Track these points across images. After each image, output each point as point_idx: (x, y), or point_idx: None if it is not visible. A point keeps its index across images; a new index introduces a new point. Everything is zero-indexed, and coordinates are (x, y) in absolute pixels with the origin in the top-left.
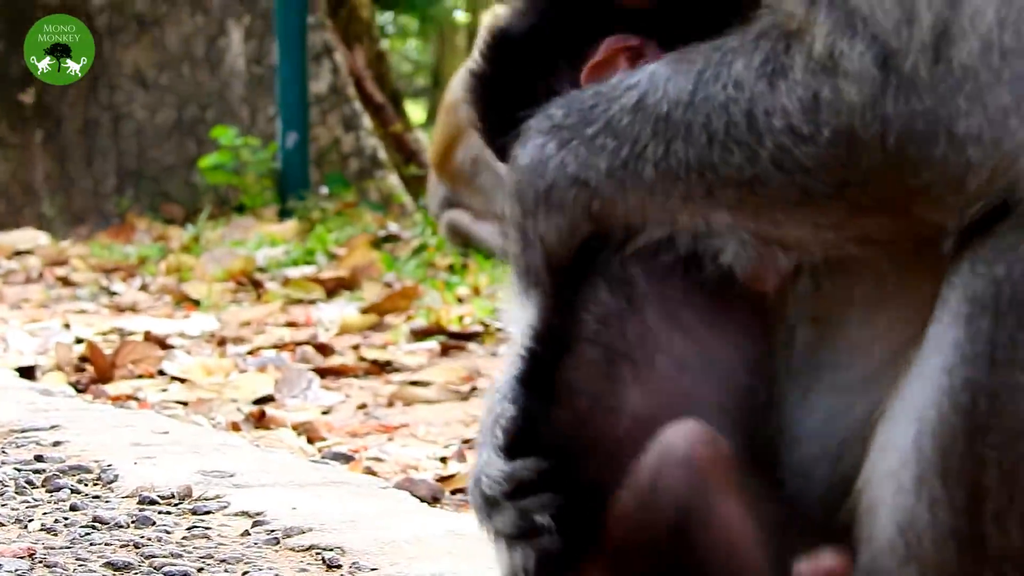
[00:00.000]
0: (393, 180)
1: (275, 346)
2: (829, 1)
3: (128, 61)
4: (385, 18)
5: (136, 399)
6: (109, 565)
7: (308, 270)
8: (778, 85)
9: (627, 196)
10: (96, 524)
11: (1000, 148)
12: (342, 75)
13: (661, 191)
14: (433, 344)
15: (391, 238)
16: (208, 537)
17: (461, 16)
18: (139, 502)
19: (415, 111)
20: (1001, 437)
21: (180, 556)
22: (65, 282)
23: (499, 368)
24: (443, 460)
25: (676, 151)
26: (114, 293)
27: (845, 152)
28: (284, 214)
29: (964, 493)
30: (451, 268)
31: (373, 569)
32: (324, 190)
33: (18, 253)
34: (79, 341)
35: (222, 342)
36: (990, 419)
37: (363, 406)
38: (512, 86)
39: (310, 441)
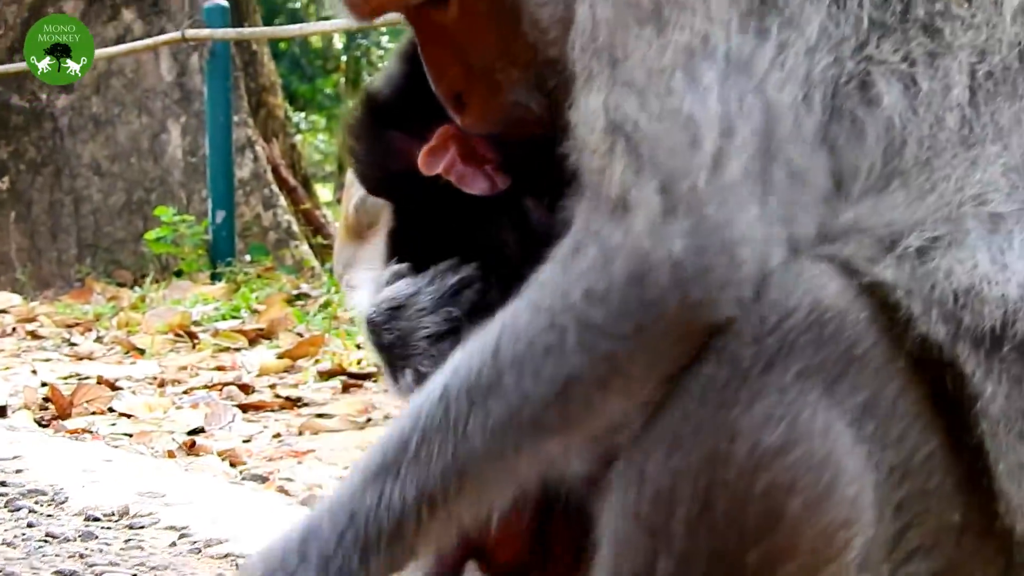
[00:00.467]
0: (305, 249)
1: (206, 386)
2: (625, 142)
3: (86, 153)
4: (298, 116)
5: (90, 432)
6: (58, 573)
7: (234, 323)
8: (576, 266)
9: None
10: (48, 538)
11: (764, 248)
12: (262, 163)
13: (493, 465)
14: (336, 383)
15: (302, 296)
16: (142, 548)
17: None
18: (85, 519)
19: (323, 192)
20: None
21: (118, 565)
22: (34, 335)
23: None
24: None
25: (492, 414)
26: (74, 344)
27: (639, 291)
28: (215, 277)
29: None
30: (351, 320)
31: None
32: (247, 258)
33: None
34: (44, 384)
35: (162, 384)
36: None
37: (277, 435)
38: (377, 139)
39: (232, 465)
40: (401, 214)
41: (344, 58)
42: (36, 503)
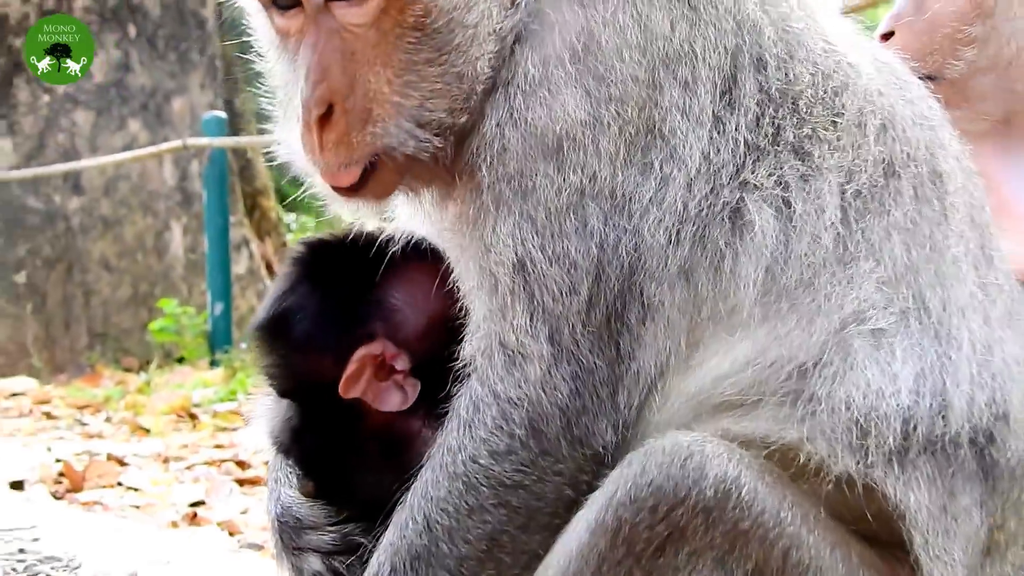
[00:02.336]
0: None
1: (206, 463)
2: (524, 283)
3: (96, 251)
4: (289, 217)
5: (100, 504)
6: None
7: (231, 405)
8: (479, 427)
9: None
10: None
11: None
12: (256, 260)
13: None
14: None
15: None
16: None
17: (348, 218)
18: None
19: None
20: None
21: None
22: (48, 416)
23: None
24: None
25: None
26: (85, 424)
27: (538, 441)
28: (213, 364)
29: None
30: None
31: None
32: (244, 346)
33: (13, 395)
34: (58, 460)
35: (166, 460)
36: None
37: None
38: (288, 355)
39: (231, 535)
40: (305, 416)
41: None
42: (52, 568)
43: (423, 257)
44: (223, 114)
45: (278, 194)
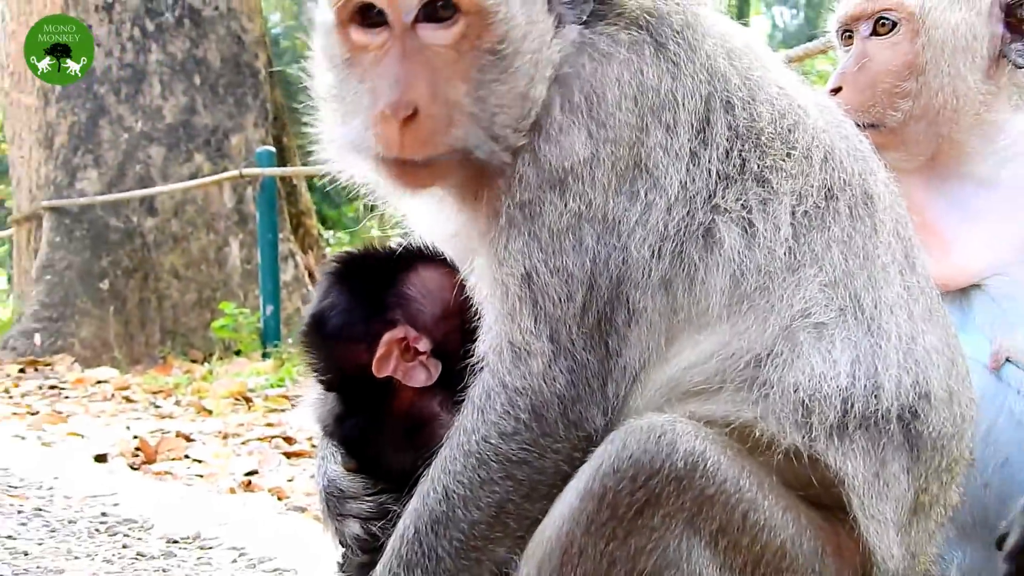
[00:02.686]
0: None
1: (258, 439)
2: (529, 292)
3: (167, 262)
4: (328, 234)
5: (170, 474)
6: None
7: (280, 391)
8: (489, 412)
9: None
10: (138, 556)
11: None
12: (301, 269)
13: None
14: None
15: None
16: (210, 564)
17: (376, 234)
18: (166, 542)
19: None
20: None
21: None
22: (127, 400)
23: None
24: None
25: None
26: (158, 407)
27: (539, 424)
28: (265, 356)
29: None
30: None
31: None
32: (291, 340)
33: (99, 382)
34: (135, 437)
35: (225, 436)
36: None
37: (313, 476)
38: (327, 350)
39: (279, 499)
40: (346, 404)
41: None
42: (129, 529)
43: (433, 259)
44: (273, 148)
45: (318, 215)
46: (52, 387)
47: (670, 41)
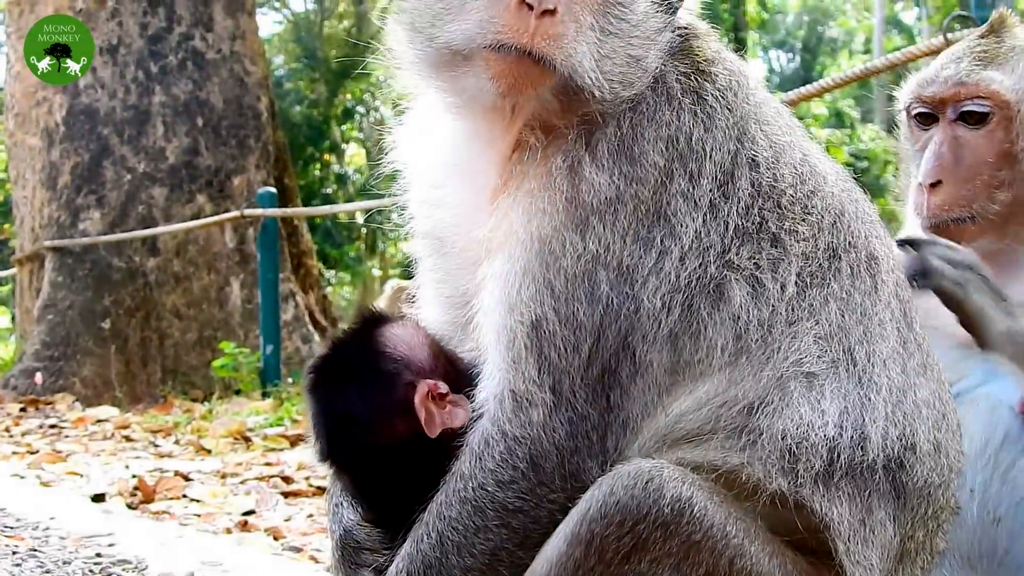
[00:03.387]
0: None
1: (257, 478)
2: (537, 340)
3: (169, 302)
4: (329, 274)
5: (168, 513)
6: None
7: (279, 430)
8: (487, 459)
9: None
10: None
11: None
12: (301, 309)
13: None
14: None
15: None
16: None
17: (377, 273)
18: None
19: None
20: None
21: None
22: (127, 439)
23: None
24: None
25: None
26: (158, 446)
27: (537, 474)
28: (265, 395)
29: None
30: None
31: None
32: (290, 380)
33: (99, 421)
34: (134, 476)
35: (223, 476)
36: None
37: (311, 515)
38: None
39: (275, 539)
40: (360, 481)
41: (364, 230)
42: (123, 570)
43: (384, 316)
44: (274, 189)
45: (319, 255)
46: (52, 426)
47: (710, 96)
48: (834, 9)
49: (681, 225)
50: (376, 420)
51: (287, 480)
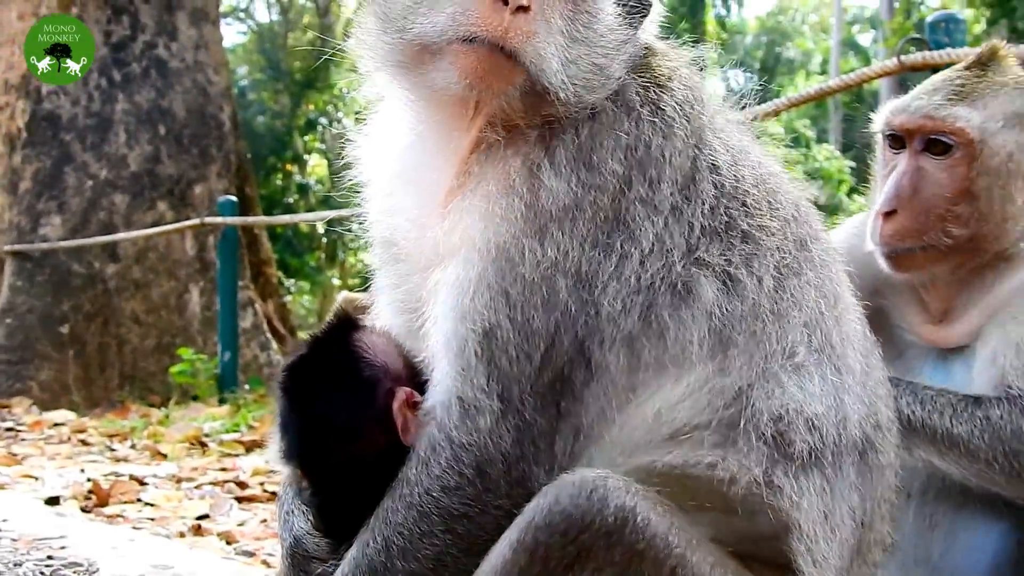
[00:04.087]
0: None
1: (212, 483)
2: (490, 349)
3: (128, 308)
4: (289, 282)
5: (122, 516)
6: None
7: (235, 435)
8: (434, 466)
9: None
10: None
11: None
12: (260, 317)
13: None
14: None
15: None
16: None
17: (336, 282)
18: None
19: None
20: None
21: None
22: (84, 443)
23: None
24: None
25: None
26: (114, 450)
27: (482, 480)
28: (222, 401)
29: None
30: None
31: None
32: (247, 387)
33: (55, 424)
34: (89, 480)
35: (179, 480)
36: None
37: (264, 520)
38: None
39: (228, 543)
40: (323, 486)
41: (324, 240)
42: (74, 572)
43: (355, 323)
44: (235, 198)
45: (280, 263)
46: (8, 429)
47: (668, 107)
48: (792, 31)
49: (640, 230)
50: (353, 423)
51: (242, 485)
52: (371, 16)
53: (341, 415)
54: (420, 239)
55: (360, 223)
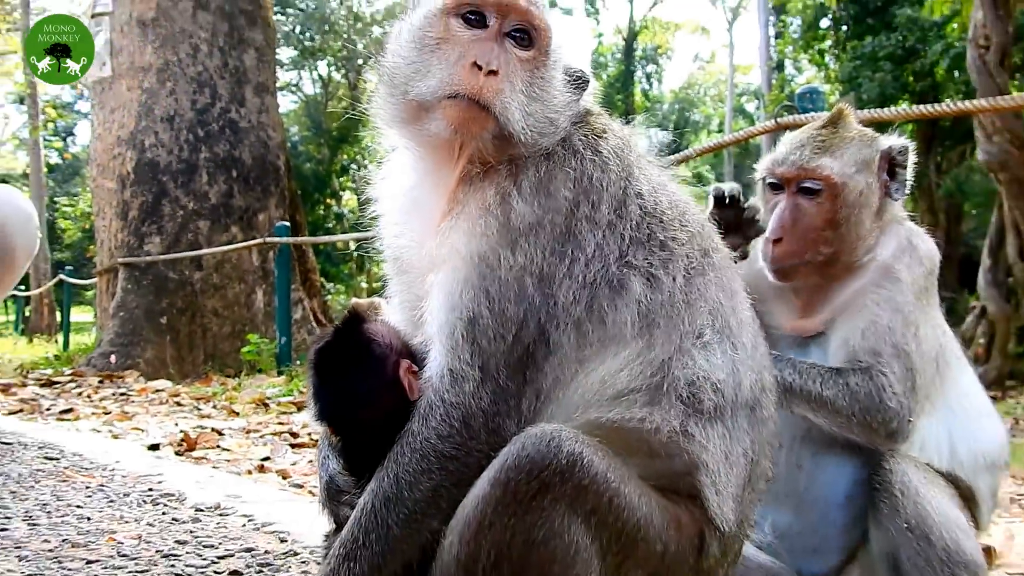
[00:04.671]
0: None
1: (272, 433)
2: (472, 332)
3: (209, 305)
4: (329, 285)
5: (206, 459)
6: (178, 542)
7: (290, 399)
8: (430, 421)
9: None
10: (173, 521)
11: (530, 395)
12: (307, 311)
13: (407, 540)
14: None
15: None
16: (227, 527)
17: (364, 286)
18: (195, 509)
19: None
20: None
21: (211, 535)
22: (178, 404)
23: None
24: None
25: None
26: (200, 409)
27: (467, 429)
28: (280, 373)
29: None
30: None
31: (303, 542)
32: (298, 362)
33: (157, 391)
34: (181, 432)
35: (248, 432)
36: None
37: (311, 461)
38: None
39: (284, 478)
40: (348, 438)
41: (355, 254)
42: (168, 500)
43: (364, 316)
44: (288, 224)
45: (321, 272)
46: (122, 394)
47: (605, 150)
48: (697, 100)
49: (585, 240)
50: (369, 389)
51: (294, 435)
52: (381, 85)
53: (360, 384)
54: (420, 253)
55: (379, 243)
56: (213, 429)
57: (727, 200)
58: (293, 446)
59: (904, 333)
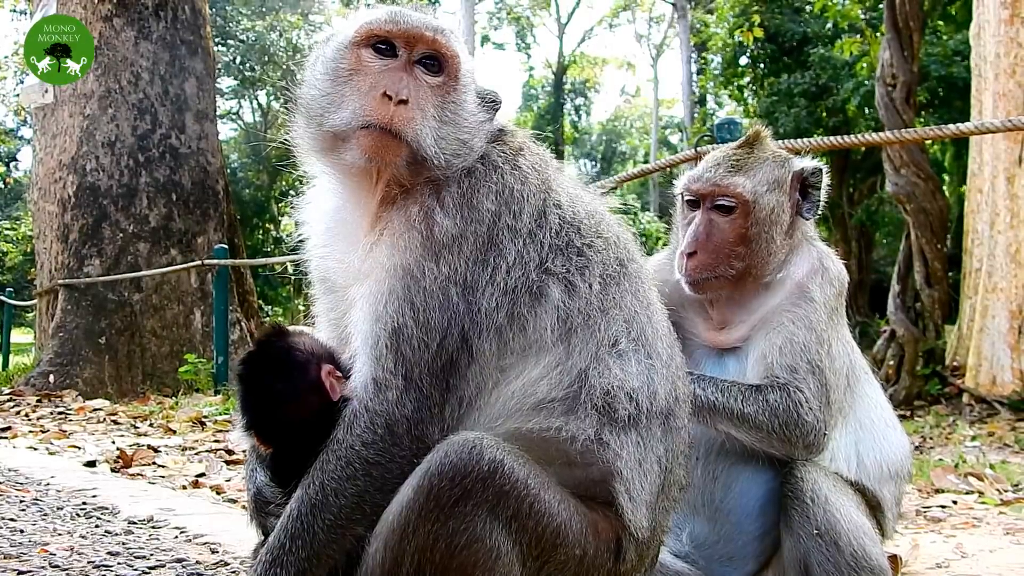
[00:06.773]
0: None
1: (208, 451)
2: (396, 343)
3: (148, 325)
4: (268, 307)
5: (141, 475)
6: (110, 553)
7: (226, 417)
8: (355, 429)
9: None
10: (107, 532)
11: (453, 402)
12: (244, 332)
13: (331, 545)
14: None
15: None
16: (159, 539)
17: (302, 308)
18: (128, 522)
19: None
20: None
21: (143, 547)
22: (115, 422)
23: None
24: None
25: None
26: (137, 427)
27: (391, 436)
28: (217, 392)
29: None
30: None
31: (234, 553)
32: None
33: (95, 410)
34: (118, 449)
35: (184, 449)
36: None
37: (244, 478)
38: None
39: (218, 493)
40: (276, 448)
41: (292, 277)
42: (102, 513)
43: (286, 330)
44: (226, 246)
45: (260, 294)
46: (60, 413)
47: (524, 165)
48: (624, 132)
49: (507, 248)
50: (293, 393)
51: (230, 452)
52: (299, 116)
53: (284, 388)
54: (345, 271)
55: (306, 265)
56: (149, 446)
57: None
58: (228, 463)
59: (818, 350)
